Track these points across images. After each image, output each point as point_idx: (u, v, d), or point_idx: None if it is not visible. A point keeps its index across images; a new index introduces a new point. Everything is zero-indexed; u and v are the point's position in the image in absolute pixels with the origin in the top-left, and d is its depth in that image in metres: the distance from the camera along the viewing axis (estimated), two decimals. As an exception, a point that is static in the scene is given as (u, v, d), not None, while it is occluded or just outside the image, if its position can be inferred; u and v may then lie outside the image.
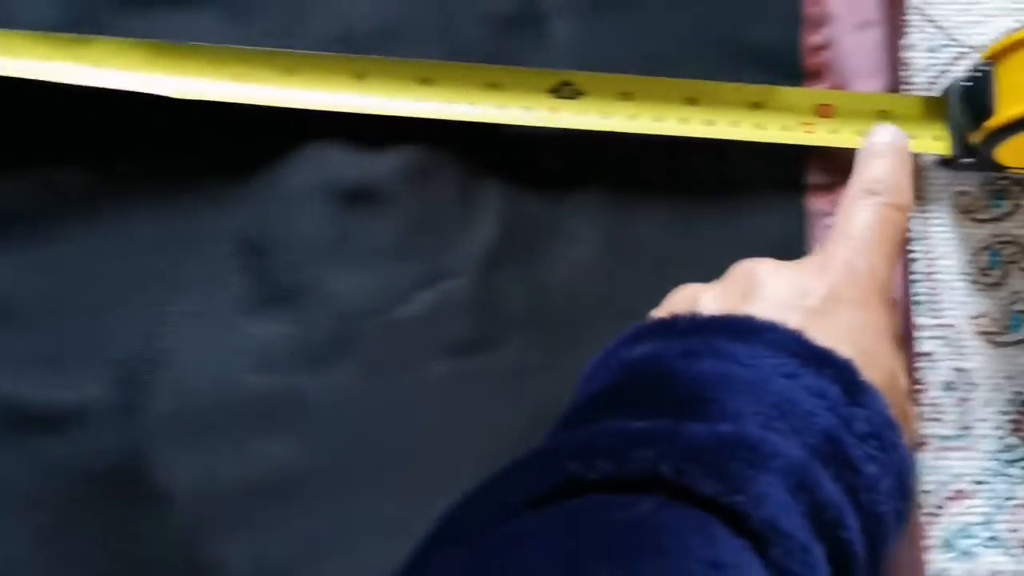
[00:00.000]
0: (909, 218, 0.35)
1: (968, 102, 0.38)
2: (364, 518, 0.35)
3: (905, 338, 0.38)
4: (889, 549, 0.29)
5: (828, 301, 0.31)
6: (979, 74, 0.37)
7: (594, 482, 0.24)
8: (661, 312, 0.33)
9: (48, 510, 0.34)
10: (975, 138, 0.37)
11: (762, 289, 0.31)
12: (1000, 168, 0.39)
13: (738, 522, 0.23)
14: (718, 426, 0.25)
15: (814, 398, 0.27)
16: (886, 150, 0.36)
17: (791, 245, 0.39)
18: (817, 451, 0.26)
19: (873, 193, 0.34)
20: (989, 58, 0.37)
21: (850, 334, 0.30)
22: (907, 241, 0.37)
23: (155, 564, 0.34)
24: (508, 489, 0.24)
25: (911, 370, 0.38)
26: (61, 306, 0.36)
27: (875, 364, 0.30)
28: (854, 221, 0.33)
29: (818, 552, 0.25)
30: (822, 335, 0.29)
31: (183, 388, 0.35)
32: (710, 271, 0.37)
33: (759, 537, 0.23)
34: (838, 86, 0.40)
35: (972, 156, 0.38)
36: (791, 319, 0.30)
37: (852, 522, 0.26)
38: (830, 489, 0.26)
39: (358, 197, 0.37)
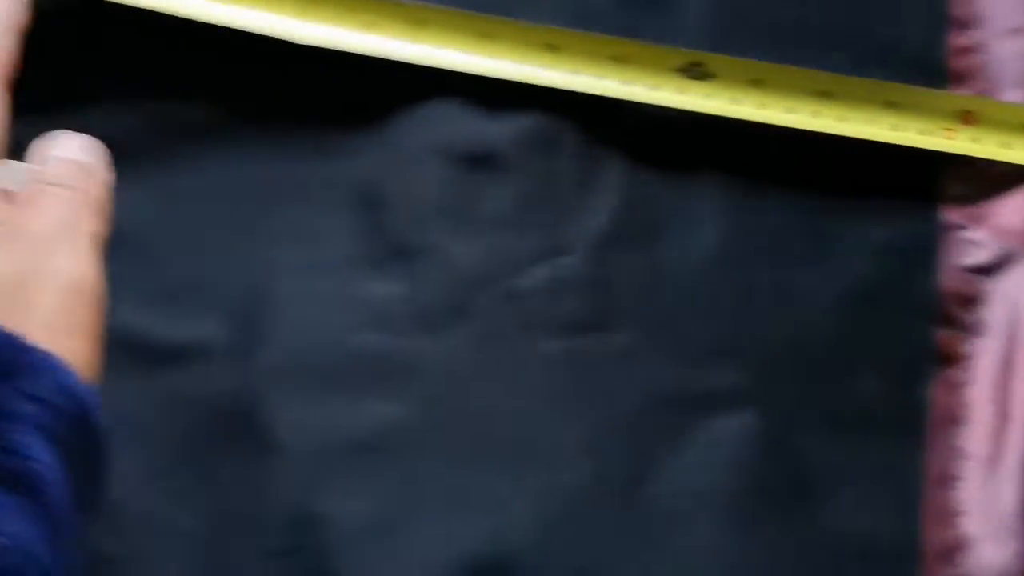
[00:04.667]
0: None
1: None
2: (468, 486, 0.34)
3: None
4: None
5: None
6: None
7: None
8: None
9: (163, 446, 0.34)
10: None
11: None
12: None
13: None
14: None
15: None
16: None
17: (922, 255, 0.38)
18: None
19: None
20: None
21: None
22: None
23: (263, 511, 0.34)
24: None
25: None
26: (176, 240, 0.35)
27: None
28: None
29: None
30: None
31: (295, 339, 0.35)
32: (837, 271, 0.37)
33: None
34: (985, 93, 0.38)
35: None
36: None
37: None
38: None
39: (478, 161, 0.36)
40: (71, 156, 0.28)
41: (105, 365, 0.34)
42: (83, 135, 0.29)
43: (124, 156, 0.36)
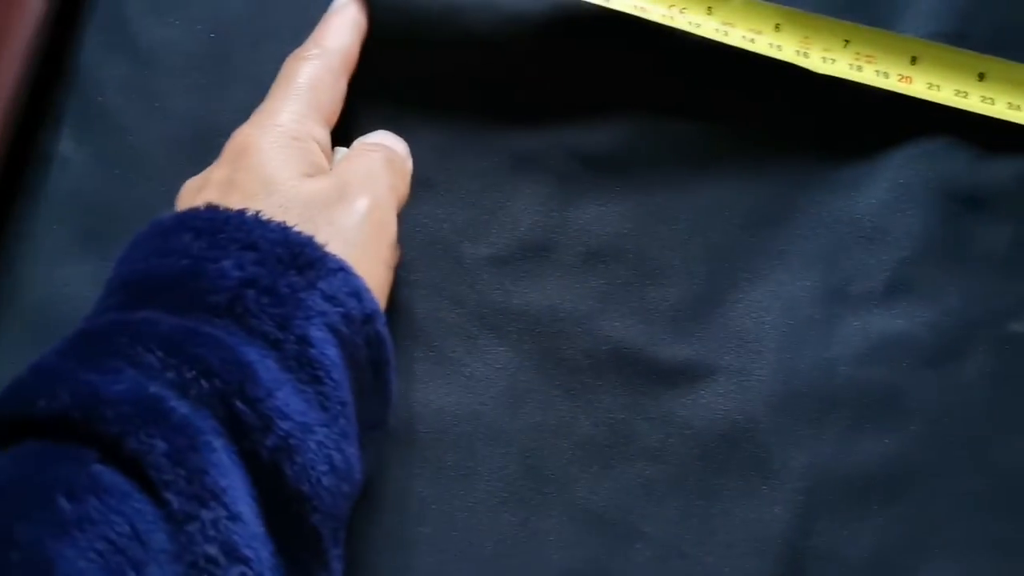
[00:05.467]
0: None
1: None
2: (973, 528, 0.33)
3: None
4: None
5: None
6: None
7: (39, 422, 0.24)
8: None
9: (664, 464, 0.34)
10: None
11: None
12: None
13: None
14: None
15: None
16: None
17: None
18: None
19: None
20: None
21: None
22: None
23: (761, 537, 0.33)
24: None
25: None
26: (666, 259, 0.36)
27: None
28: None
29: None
30: None
31: (790, 367, 0.35)
32: None
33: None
34: None
35: None
36: None
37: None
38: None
39: (974, 201, 0.36)
40: (378, 140, 0.33)
41: (604, 380, 0.35)
42: (389, 132, 0.33)
43: (616, 171, 0.37)
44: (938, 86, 0.36)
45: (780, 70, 0.36)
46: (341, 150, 0.33)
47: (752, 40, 0.36)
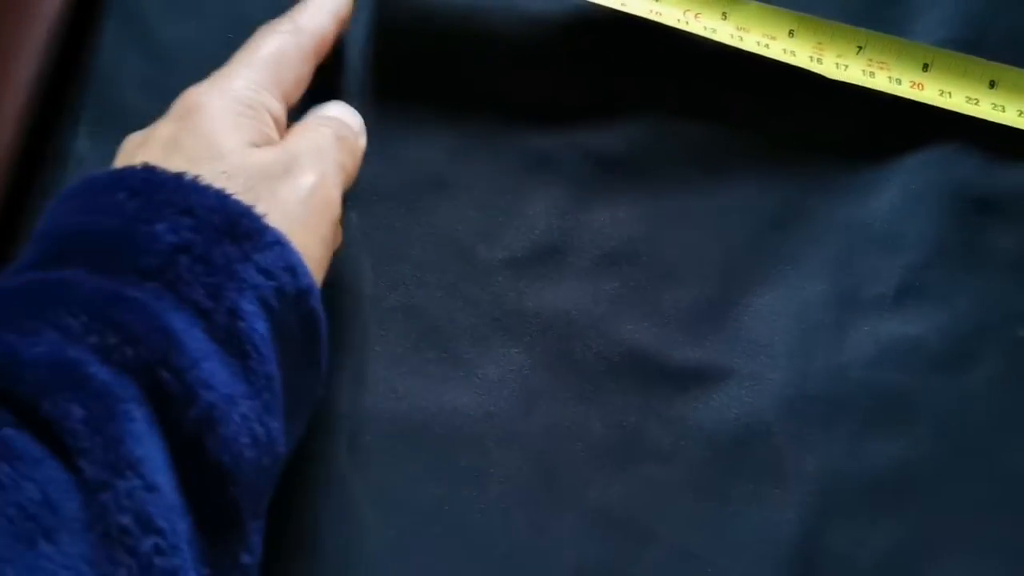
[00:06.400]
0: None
1: None
2: (986, 531, 0.34)
3: None
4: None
5: None
6: None
7: None
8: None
9: (676, 467, 0.34)
10: None
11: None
12: None
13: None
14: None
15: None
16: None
17: None
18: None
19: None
20: None
21: None
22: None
23: (776, 540, 0.33)
24: None
25: None
26: (676, 261, 0.36)
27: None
28: None
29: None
30: None
31: (801, 370, 0.35)
32: None
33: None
34: None
35: None
36: None
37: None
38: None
39: (985, 206, 0.36)
40: (333, 113, 0.33)
41: (617, 383, 0.35)
42: (347, 104, 0.34)
43: (630, 174, 0.37)
44: (949, 93, 0.37)
45: (794, 75, 0.36)
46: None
47: (766, 45, 0.36)
